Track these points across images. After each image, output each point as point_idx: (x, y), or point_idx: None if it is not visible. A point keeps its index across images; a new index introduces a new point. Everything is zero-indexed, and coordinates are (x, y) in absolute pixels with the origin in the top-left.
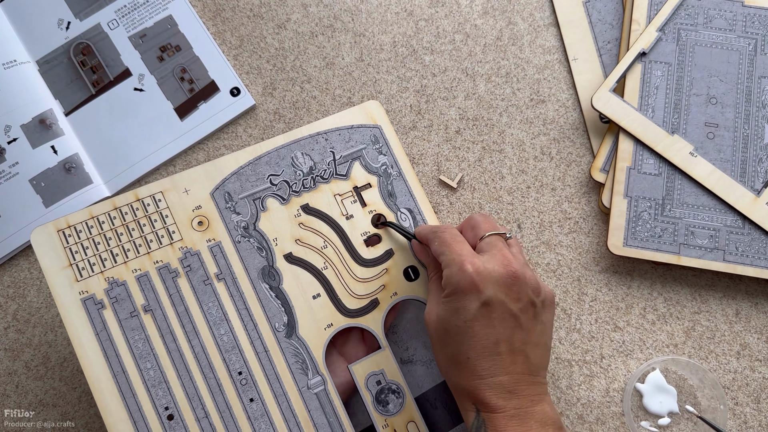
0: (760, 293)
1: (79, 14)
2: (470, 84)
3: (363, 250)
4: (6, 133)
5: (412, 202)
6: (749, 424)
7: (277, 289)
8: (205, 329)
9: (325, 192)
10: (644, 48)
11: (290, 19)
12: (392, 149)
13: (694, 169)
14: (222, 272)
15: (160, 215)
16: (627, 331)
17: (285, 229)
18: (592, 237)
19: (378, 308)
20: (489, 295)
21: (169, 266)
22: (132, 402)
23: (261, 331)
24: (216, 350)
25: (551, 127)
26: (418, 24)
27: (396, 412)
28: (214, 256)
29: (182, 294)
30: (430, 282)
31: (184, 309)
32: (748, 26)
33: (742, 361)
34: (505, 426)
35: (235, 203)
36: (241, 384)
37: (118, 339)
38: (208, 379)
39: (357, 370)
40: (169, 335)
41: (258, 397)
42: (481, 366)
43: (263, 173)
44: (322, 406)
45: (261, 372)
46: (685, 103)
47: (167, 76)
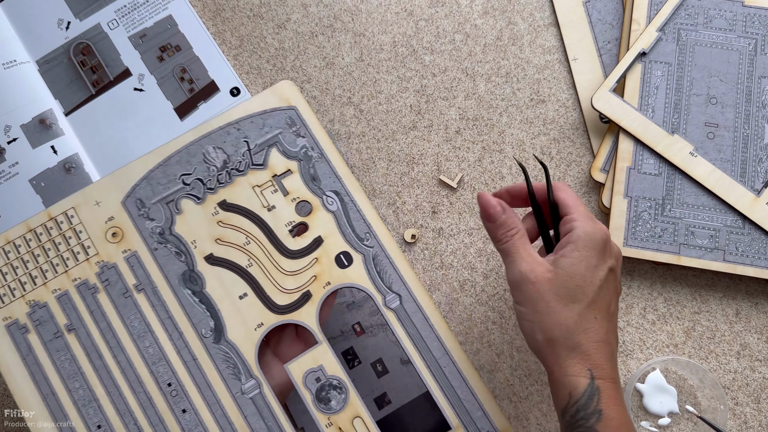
0: (760, 293)
1: (79, 14)
2: (470, 84)
3: (289, 241)
4: (6, 133)
5: (338, 183)
6: (749, 424)
7: (200, 294)
8: (129, 343)
9: (243, 185)
10: (644, 48)
11: (290, 19)
12: (311, 130)
13: (694, 169)
14: (141, 283)
15: (74, 231)
16: (627, 331)
17: (203, 230)
18: None
19: (311, 301)
20: (613, 262)
21: (88, 282)
22: (64, 424)
23: (187, 339)
24: (143, 363)
25: (551, 127)
26: (418, 24)
27: (339, 409)
28: (132, 267)
29: (103, 310)
30: (515, 240)
31: (106, 325)
32: (748, 26)
33: (742, 361)
34: (615, 395)
35: (148, 209)
36: (171, 395)
37: (44, 362)
38: (138, 394)
39: (294, 369)
40: (94, 353)
41: (190, 407)
42: (604, 329)
43: (174, 174)
44: (259, 411)
45: (191, 381)
46: (685, 103)
47: (167, 76)
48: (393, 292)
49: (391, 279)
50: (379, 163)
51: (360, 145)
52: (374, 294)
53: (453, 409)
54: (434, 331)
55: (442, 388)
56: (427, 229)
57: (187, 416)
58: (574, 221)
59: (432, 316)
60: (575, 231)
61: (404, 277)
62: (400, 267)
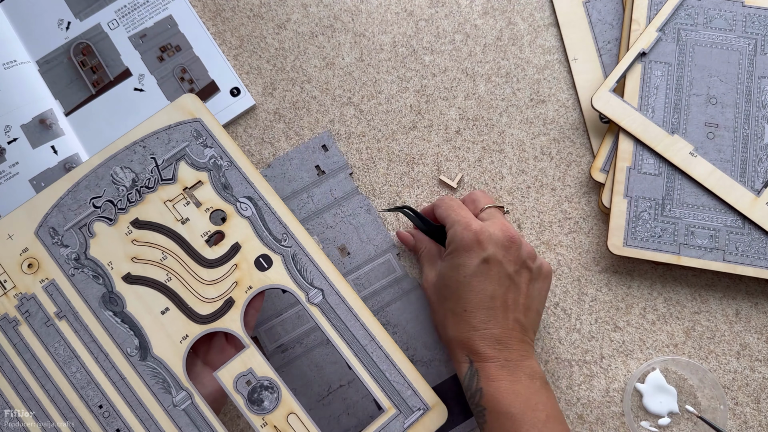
0: (760, 293)
1: (79, 14)
2: (470, 84)
3: (206, 251)
4: (6, 133)
5: (250, 189)
6: (749, 424)
7: (121, 314)
8: (56, 371)
9: (154, 201)
10: (644, 48)
11: (290, 19)
12: (218, 140)
13: (694, 169)
14: (62, 310)
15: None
16: (627, 331)
17: (118, 250)
18: (592, 237)
19: (234, 307)
20: (489, 253)
21: (8, 316)
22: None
23: (113, 359)
24: (71, 389)
25: (551, 127)
26: (418, 24)
27: (272, 408)
28: (51, 296)
29: (26, 341)
30: (422, 256)
31: (30, 356)
32: (748, 26)
33: (742, 361)
34: (496, 374)
35: (61, 237)
36: (104, 417)
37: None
38: (69, 420)
39: (223, 375)
40: (21, 385)
41: (124, 426)
42: (477, 318)
43: (84, 198)
44: (193, 421)
45: (122, 401)
46: (685, 103)
47: (167, 76)
48: (315, 288)
49: (312, 275)
50: (379, 163)
51: (360, 145)
52: (297, 292)
53: (384, 392)
54: (358, 319)
55: (371, 373)
56: None
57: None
58: (448, 230)
59: (354, 305)
60: (447, 238)
61: (324, 272)
62: (319, 262)
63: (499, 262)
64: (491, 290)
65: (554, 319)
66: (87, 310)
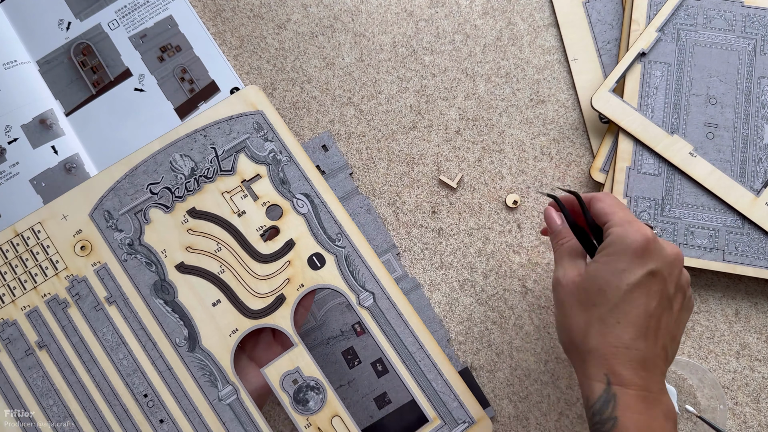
0: (759, 293)
1: (79, 14)
2: (470, 84)
3: (261, 245)
4: (6, 133)
5: (307, 186)
6: (749, 424)
7: (172, 303)
8: (103, 356)
9: (212, 192)
10: (644, 48)
11: (290, 19)
12: (278, 134)
13: (693, 169)
14: (112, 295)
15: (41, 247)
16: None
17: (173, 239)
18: None
19: (285, 304)
20: (658, 266)
21: (58, 297)
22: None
23: (161, 349)
24: (117, 376)
25: (551, 127)
26: (418, 24)
27: (318, 410)
28: (102, 280)
29: (75, 324)
30: (562, 248)
31: (78, 339)
32: (747, 26)
33: (742, 360)
34: (635, 405)
35: (116, 221)
36: (148, 406)
37: (16, 380)
38: (114, 407)
39: (270, 373)
40: (67, 368)
41: (168, 417)
42: (629, 334)
43: (141, 184)
44: (237, 417)
45: (167, 391)
46: (684, 103)
47: (167, 77)
48: (366, 291)
49: (364, 278)
50: (379, 163)
51: (360, 145)
52: (348, 294)
53: (430, 402)
54: (408, 326)
55: (418, 382)
56: (427, 229)
57: (165, 426)
58: (610, 227)
59: (405, 311)
60: (609, 237)
61: (377, 276)
62: (372, 266)
63: (664, 279)
64: (651, 307)
65: (554, 319)
66: (137, 297)
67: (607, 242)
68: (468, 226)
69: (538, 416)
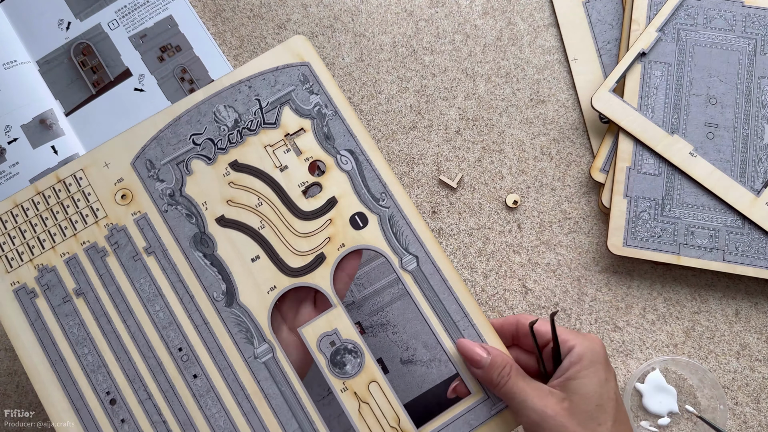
0: (759, 293)
1: (79, 14)
2: (470, 84)
3: (302, 202)
4: (6, 134)
5: (352, 142)
6: (749, 424)
7: (211, 257)
8: (139, 307)
9: (255, 145)
10: (644, 48)
11: (290, 19)
12: (324, 87)
13: (693, 169)
14: (151, 245)
15: (82, 194)
16: (627, 331)
17: (214, 191)
18: (592, 237)
19: (325, 263)
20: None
21: (97, 245)
22: (73, 390)
23: (198, 302)
24: (153, 328)
25: (551, 127)
26: (418, 24)
27: (355, 374)
28: (141, 230)
29: (112, 273)
30: (508, 381)
31: (115, 288)
32: (747, 26)
33: (742, 361)
34: None
35: (157, 170)
36: (182, 360)
37: (53, 327)
38: (148, 359)
39: (308, 333)
40: (103, 317)
41: (202, 373)
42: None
43: (184, 134)
44: (273, 376)
45: (202, 346)
46: (684, 103)
47: (167, 77)
48: (410, 254)
49: (407, 240)
50: None
51: None
52: (390, 256)
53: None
54: (453, 293)
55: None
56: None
57: (199, 381)
58: (569, 341)
59: (450, 277)
60: (575, 350)
61: (421, 238)
62: (417, 228)
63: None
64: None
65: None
66: (177, 249)
67: (575, 356)
68: (468, 226)
69: None
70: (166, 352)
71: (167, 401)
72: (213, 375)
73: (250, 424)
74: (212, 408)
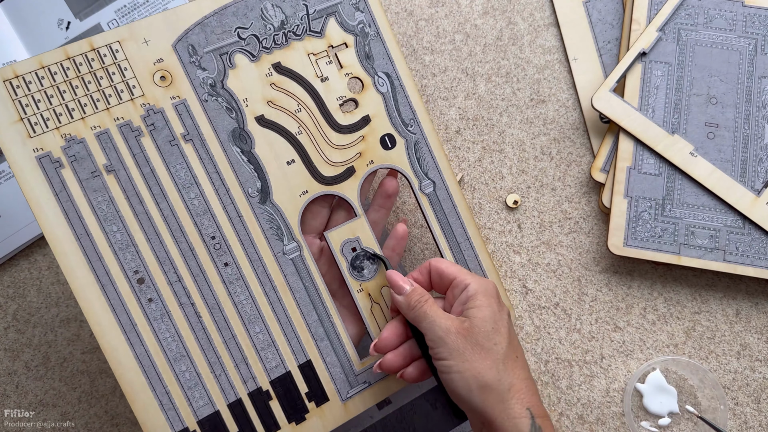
0: (760, 293)
1: (79, 14)
2: (470, 84)
3: (339, 115)
4: None
5: (390, 66)
6: (749, 424)
7: (249, 153)
8: (173, 192)
9: (299, 50)
10: (644, 48)
11: None
12: (370, 6)
13: (694, 169)
14: (189, 133)
15: (118, 68)
16: (627, 331)
17: (256, 89)
18: (592, 237)
19: (354, 176)
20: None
21: (131, 124)
22: (98, 265)
23: (233, 195)
24: (186, 214)
25: (551, 127)
26: (418, 24)
27: (371, 278)
28: (180, 115)
29: (147, 154)
30: (424, 306)
31: (150, 170)
32: (748, 26)
33: (743, 361)
34: (552, 431)
35: (200, 57)
36: (214, 249)
37: (79, 200)
38: (180, 243)
39: (333, 237)
40: (135, 197)
41: (232, 262)
42: (525, 367)
43: (230, 25)
44: (298, 272)
45: (235, 237)
46: (685, 103)
47: None
48: (428, 179)
49: (428, 166)
50: None
51: None
52: (411, 178)
53: None
54: (460, 218)
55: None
56: (426, 229)
57: (229, 270)
58: (464, 281)
59: (460, 205)
60: (470, 287)
61: (440, 167)
62: (437, 157)
63: (510, 316)
64: (517, 337)
65: (554, 319)
66: (215, 140)
67: (471, 291)
68: None
69: None
70: (199, 239)
71: (197, 285)
72: (243, 265)
73: (274, 313)
74: (240, 295)
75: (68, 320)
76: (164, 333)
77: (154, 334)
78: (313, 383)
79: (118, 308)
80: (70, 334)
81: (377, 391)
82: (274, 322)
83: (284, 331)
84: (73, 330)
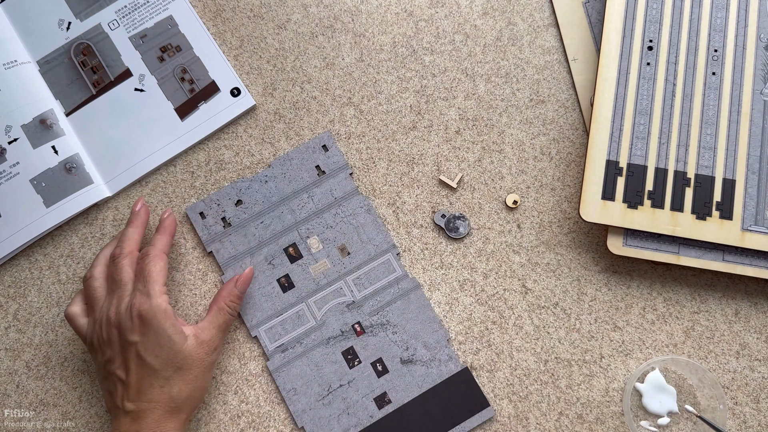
0: (759, 293)
1: (79, 14)
2: (470, 84)
3: None
4: (7, 133)
5: None
6: (749, 424)
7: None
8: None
9: None
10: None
11: (290, 19)
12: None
13: None
14: None
15: None
16: (626, 330)
17: None
18: (591, 237)
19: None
20: None
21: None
22: (628, 26)
23: (748, 33)
24: (707, 25)
25: (551, 127)
26: (418, 24)
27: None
28: None
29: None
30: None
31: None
32: None
33: (742, 360)
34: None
35: None
36: (713, 58)
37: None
38: (690, 39)
39: None
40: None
41: (719, 74)
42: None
43: None
44: (765, 113)
45: (731, 58)
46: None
47: (168, 77)
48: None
49: None
50: (379, 163)
51: (360, 145)
52: None
53: None
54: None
55: None
56: (426, 229)
57: (714, 78)
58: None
59: None
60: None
61: None
62: None
63: None
64: None
65: (554, 319)
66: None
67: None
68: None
69: (538, 416)
70: (705, 46)
71: (685, 74)
72: (726, 81)
73: (728, 129)
74: (711, 101)
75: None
76: (643, 89)
77: (636, 86)
78: (727, 199)
79: (624, 58)
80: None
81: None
82: (724, 135)
83: (727, 147)
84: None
